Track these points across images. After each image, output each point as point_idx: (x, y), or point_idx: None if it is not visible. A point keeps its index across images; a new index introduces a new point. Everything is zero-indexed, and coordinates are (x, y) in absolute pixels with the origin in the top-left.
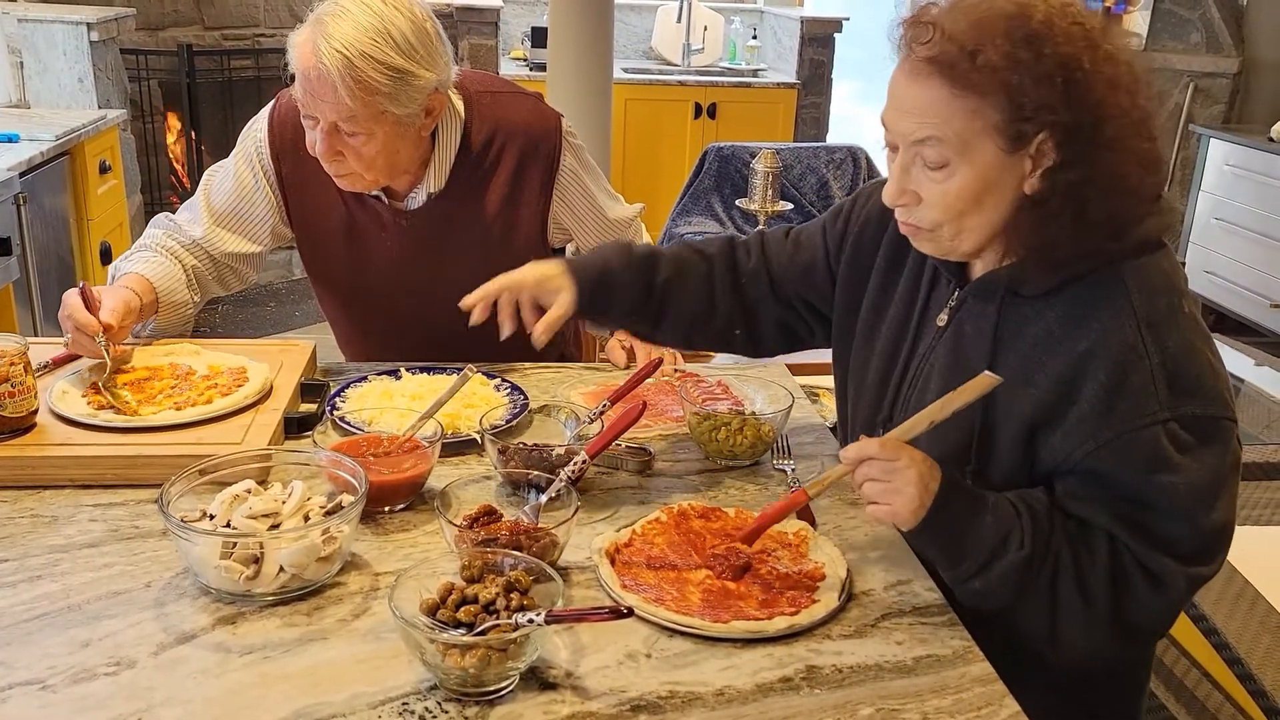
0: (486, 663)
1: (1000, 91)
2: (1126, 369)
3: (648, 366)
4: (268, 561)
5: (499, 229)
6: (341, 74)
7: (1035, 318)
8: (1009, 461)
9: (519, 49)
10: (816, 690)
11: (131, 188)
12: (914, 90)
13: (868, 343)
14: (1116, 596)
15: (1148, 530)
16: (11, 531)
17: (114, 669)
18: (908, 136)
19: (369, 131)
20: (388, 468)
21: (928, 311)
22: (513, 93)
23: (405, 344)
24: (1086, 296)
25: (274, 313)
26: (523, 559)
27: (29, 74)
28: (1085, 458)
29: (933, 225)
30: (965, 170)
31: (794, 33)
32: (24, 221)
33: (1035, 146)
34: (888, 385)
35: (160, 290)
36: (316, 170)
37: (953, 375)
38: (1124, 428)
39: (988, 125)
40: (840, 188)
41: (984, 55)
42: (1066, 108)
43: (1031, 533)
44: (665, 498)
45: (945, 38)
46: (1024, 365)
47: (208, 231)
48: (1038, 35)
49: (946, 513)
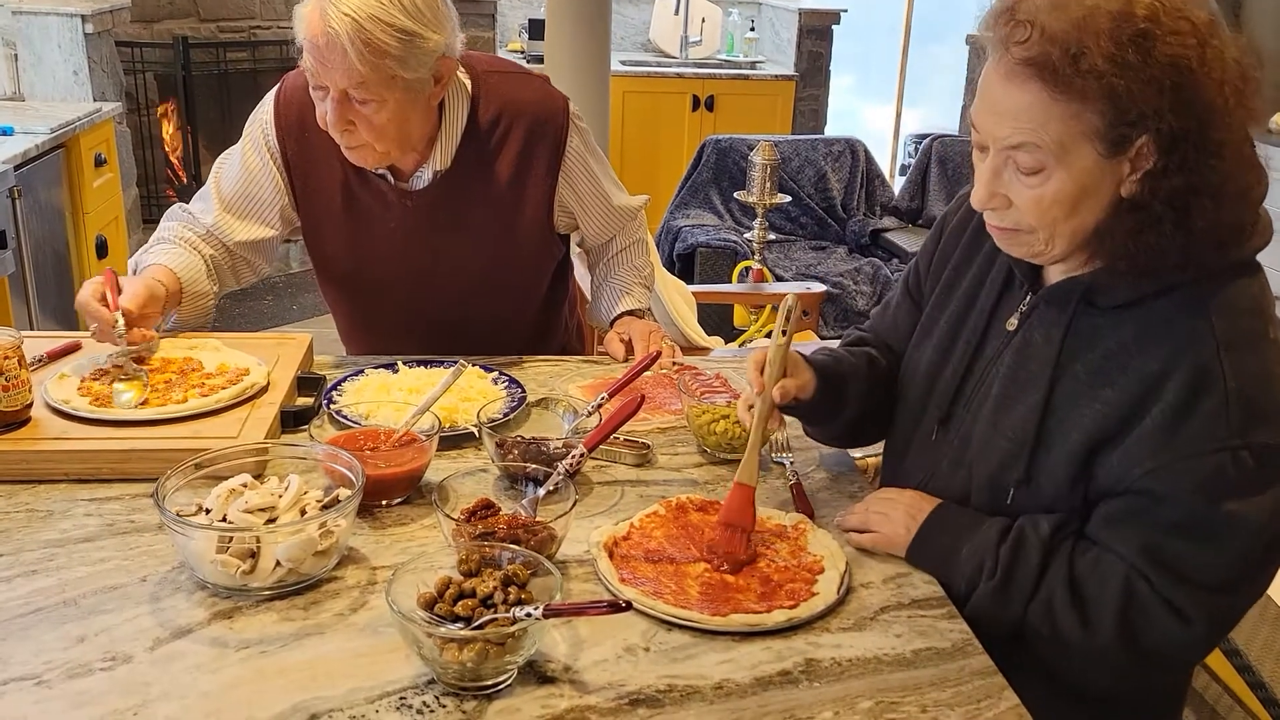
0: (484, 657)
1: (1104, 96)
2: (1199, 391)
3: (646, 359)
4: (264, 556)
5: (504, 210)
6: (351, 37)
7: (1109, 331)
8: (1063, 477)
9: (516, 41)
10: (815, 683)
11: (127, 181)
12: (1010, 93)
13: (925, 337)
14: (1127, 628)
15: (1180, 561)
16: (6, 526)
17: (110, 664)
18: (1002, 140)
19: (379, 98)
20: (385, 461)
21: (997, 313)
22: (520, 73)
23: (408, 331)
24: (1165, 314)
25: (271, 306)
26: (520, 553)
27: (23, 66)
28: (1142, 477)
29: (1026, 229)
30: (1061, 175)
31: (792, 25)
32: (19, 215)
33: (1136, 150)
34: (937, 384)
35: (184, 280)
36: (321, 150)
37: (1014, 382)
38: (1188, 450)
39: (1088, 130)
40: (838, 180)
41: (1088, 58)
42: (1173, 112)
43: (1008, 565)
44: (663, 491)
45: (1045, 37)
46: (1092, 379)
47: (219, 219)
48: (1145, 34)
49: (931, 534)
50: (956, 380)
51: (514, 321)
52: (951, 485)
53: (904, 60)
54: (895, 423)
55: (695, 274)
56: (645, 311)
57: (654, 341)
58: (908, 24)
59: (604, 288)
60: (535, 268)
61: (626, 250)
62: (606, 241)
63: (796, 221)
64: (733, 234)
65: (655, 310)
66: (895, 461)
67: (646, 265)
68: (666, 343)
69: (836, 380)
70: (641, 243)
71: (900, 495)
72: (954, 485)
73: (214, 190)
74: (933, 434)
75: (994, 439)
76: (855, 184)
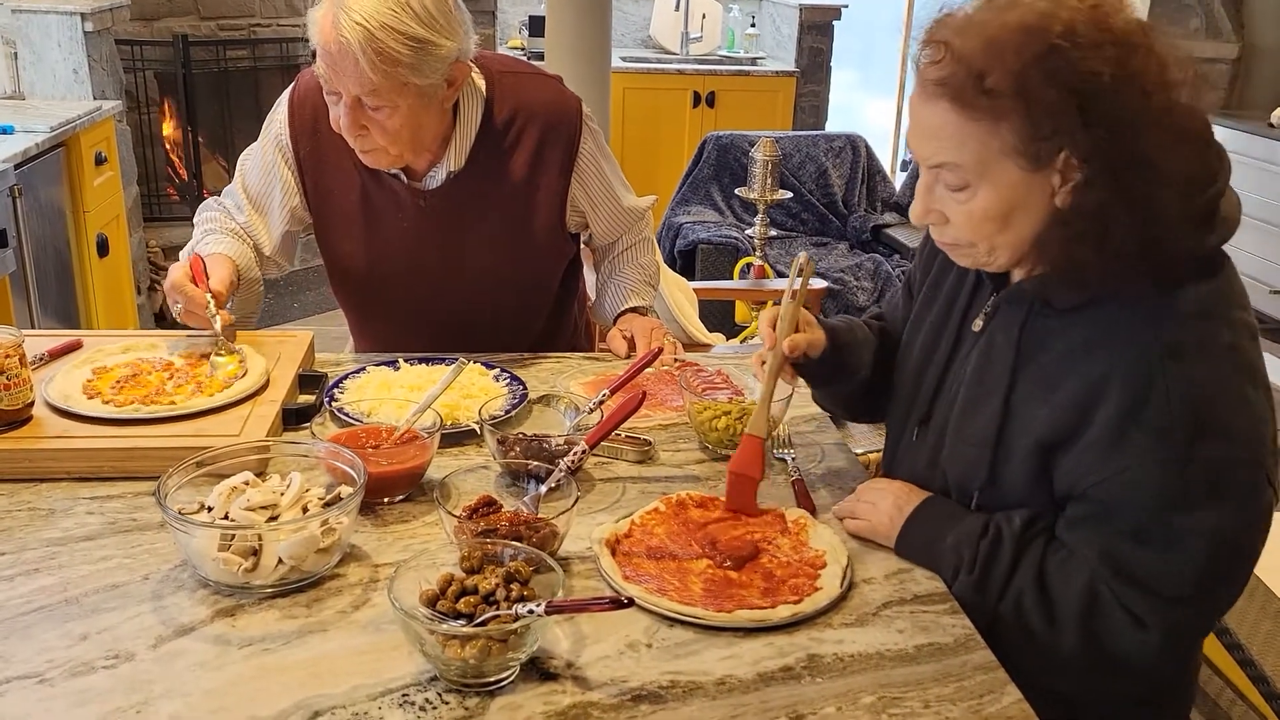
0: (487, 653)
1: (1011, 115)
2: (1141, 401)
3: (647, 356)
4: (266, 553)
5: (517, 209)
6: (363, 46)
7: (1061, 332)
8: (1021, 478)
9: (516, 38)
10: (818, 679)
11: (128, 179)
12: (925, 114)
13: (914, 334)
14: (1089, 630)
15: (1137, 568)
16: (9, 525)
17: (112, 662)
18: (926, 159)
19: (392, 104)
20: (387, 459)
21: (969, 314)
22: (534, 74)
23: (419, 328)
24: (1114, 318)
25: (272, 304)
26: (523, 549)
27: (23, 65)
28: (1093, 487)
29: (965, 243)
30: (987, 191)
31: (793, 21)
32: (20, 214)
33: (1062, 162)
34: (921, 383)
35: (241, 268)
36: (334, 150)
37: (979, 385)
38: (1134, 462)
39: (1005, 147)
40: (839, 176)
41: (991, 78)
42: (1085, 128)
43: (985, 561)
44: (665, 487)
45: (955, 59)
46: (1044, 381)
47: (248, 218)
48: (1054, 50)
49: (916, 525)
50: (935, 380)
51: (526, 319)
52: (930, 487)
53: (905, 56)
54: (889, 420)
55: (696, 271)
56: (648, 309)
57: (656, 338)
58: (909, 19)
59: (609, 285)
60: (547, 266)
61: (632, 249)
62: (613, 240)
63: (797, 218)
64: (734, 230)
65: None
66: (888, 459)
67: (652, 264)
68: (668, 339)
69: (848, 342)
70: (647, 241)
71: (890, 485)
72: (932, 487)
73: (240, 187)
74: (914, 434)
75: (958, 444)
76: (856, 180)
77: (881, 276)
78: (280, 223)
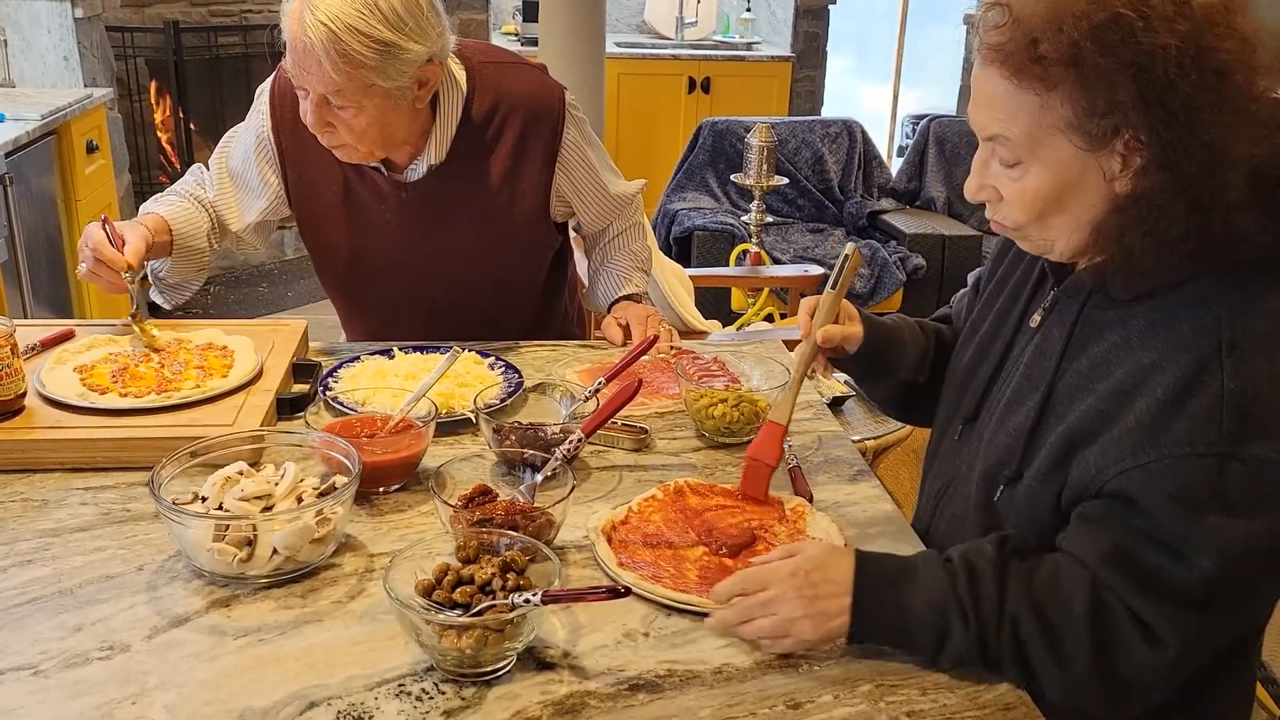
0: (483, 643)
1: (1064, 85)
2: (1191, 388)
3: (643, 344)
4: (261, 544)
5: (500, 201)
6: (326, 47)
7: (1117, 324)
8: (1038, 475)
9: (510, 23)
10: (815, 667)
11: (120, 167)
12: (980, 81)
13: (968, 338)
14: (1099, 651)
15: (1149, 573)
16: (1, 516)
17: (107, 653)
18: (981, 131)
19: (357, 104)
20: (381, 448)
21: (1027, 312)
22: (516, 63)
23: (406, 320)
24: (1173, 308)
25: (266, 293)
26: (519, 539)
27: (13, 52)
28: (1118, 476)
29: (1017, 224)
30: (1039, 169)
31: (788, 5)
32: (10, 202)
33: (1122, 144)
34: (971, 381)
35: (177, 234)
36: (316, 143)
37: (1027, 379)
38: (1172, 451)
39: (1058, 121)
40: (835, 161)
41: (1045, 44)
42: (1141, 108)
43: (974, 605)
44: (662, 475)
45: (1014, 23)
46: (1091, 372)
47: (218, 197)
48: (1116, 20)
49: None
50: (987, 378)
51: (513, 309)
52: (967, 488)
53: (901, 40)
54: (935, 418)
55: (692, 257)
56: (643, 296)
57: (651, 325)
58: (905, 3)
59: (601, 273)
60: (533, 257)
61: (623, 235)
62: (604, 227)
63: (794, 204)
64: (730, 217)
65: (652, 294)
66: (928, 464)
67: (644, 250)
68: (664, 326)
69: (889, 340)
70: (638, 226)
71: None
72: (967, 489)
73: (219, 167)
74: (958, 433)
75: (998, 435)
76: (853, 166)
77: (878, 262)
78: (257, 213)
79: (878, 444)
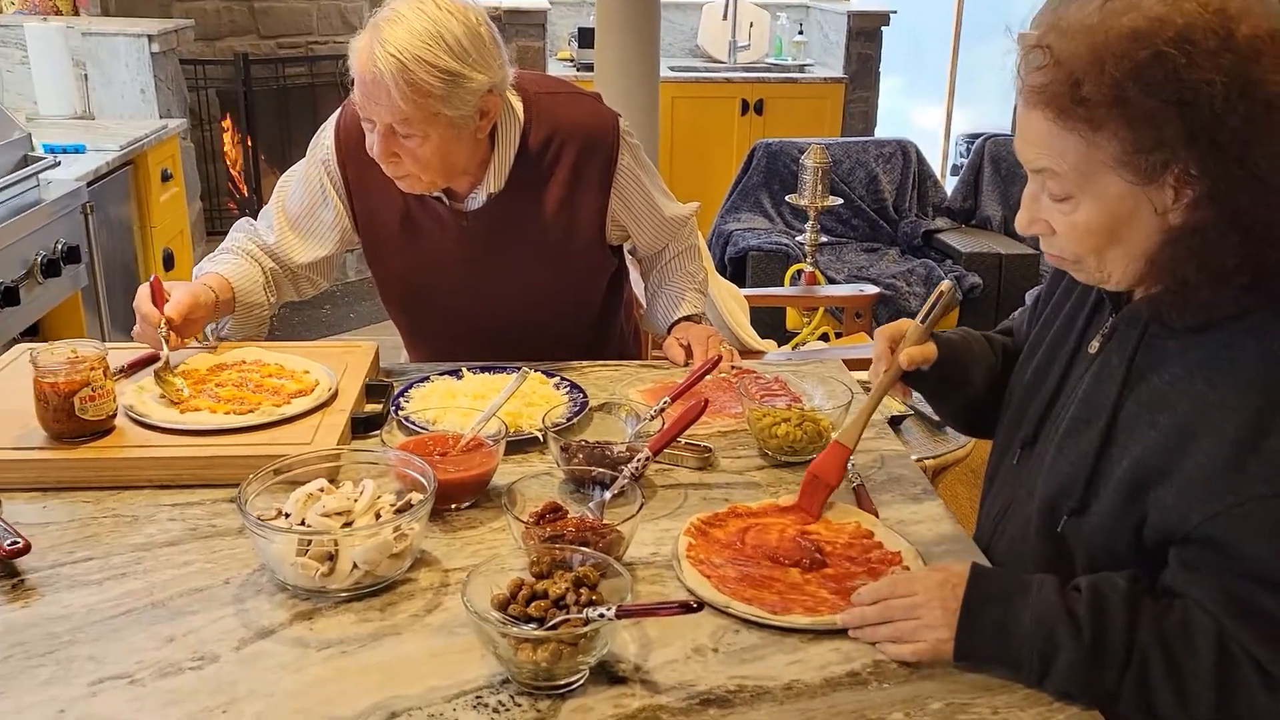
0: (558, 657)
1: (1110, 125)
2: (1262, 428)
3: (706, 364)
4: (342, 558)
5: (558, 228)
6: (395, 77)
7: (1178, 355)
8: (1108, 508)
9: (566, 50)
10: (885, 684)
11: (191, 194)
12: (1025, 121)
13: (1027, 359)
14: (1223, 699)
15: (1265, 617)
16: (96, 531)
17: (198, 663)
18: (1029, 164)
19: (423, 134)
20: (454, 466)
21: (1086, 336)
22: (571, 93)
23: (468, 342)
24: (1236, 342)
25: (329, 315)
26: (591, 554)
27: (93, 86)
28: (1204, 522)
29: (1074, 258)
30: (1090, 203)
31: (840, 27)
32: (91, 230)
33: (1174, 176)
34: (1030, 405)
35: (238, 290)
36: (380, 173)
37: (1087, 406)
38: (1252, 493)
39: (1106, 158)
40: (890, 181)
41: (1087, 86)
42: (1190, 143)
43: (1095, 630)
44: (726, 494)
45: (1056, 64)
46: (1153, 403)
47: (280, 238)
48: (1158, 58)
49: (979, 610)
50: (1045, 402)
51: (571, 331)
52: (1026, 512)
53: (954, 59)
54: (994, 442)
55: (747, 277)
56: (701, 316)
57: (713, 346)
58: (958, 22)
59: (659, 295)
60: (590, 280)
61: (679, 257)
62: (659, 250)
63: (848, 224)
64: (784, 237)
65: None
66: (987, 485)
67: (700, 270)
68: (725, 347)
69: (962, 357)
70: (693, 248)
71: (922, 577)
72: (1026, 514)
73: (277, 209)
74: (1015, 457)
75: (1058, 461)
76: (907, 185)
77: (933, 282)
78: (325, 245)
79: (936, 463)
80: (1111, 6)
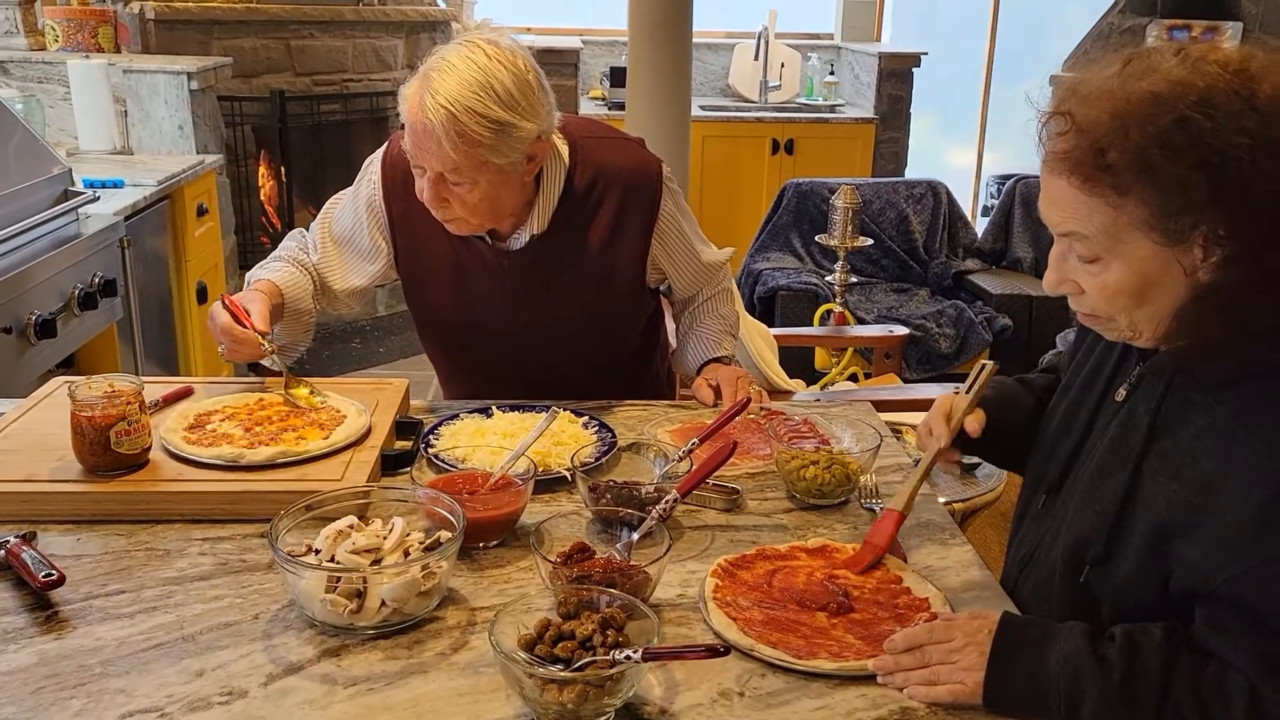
0: (584, 698)
1: (1136, 190)
2: None
3: (735, 406)
4: (370, 596)
5: (599, 270)
6: (445, 128)
7: (1204, 408)
8: (1133, 560)
9: (598, 89)
10: None
11: (226, 229)
12: (1050, 185)
13: (1057, 403)
14: None
15: None
16: (128, 564)
17: (227, 699)
18: (1055, 227)
19: (472, 181)
20: (483, 504)
21: (1112, 385)
22: (616, 138)
23: (505, 380)
24: (1263, 398)
25: (359, 349)
26: (618, 596)
27: (132, 121)
28: (1226, 583)
29: (1105, 316)
30: (1119, 265)
31: (871, 68)
32: (127, 263)
33: (1200, 237)
34: (1057, 450)
35: (288, 297)
36: (425, 211)
37: (1113, 455)
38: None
39: (1134, 221)
40: (920, 222)
41: (1112, 153)
42: (1217, 205)
43: (1126, 669)
44: (754, 536)
45: (1078, 131)
46: (1178, 457)
47: (323, 258)
48: (1181, 123)
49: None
50: (1071, 448)
51: (610, 371)
52: (1050, 558)
53: (985, 100)
54: (1022, 486)
55: (776, 317)
56: (731, 358)
57: (742, 388)
58: (989, 63)
59: (690, 336)
60: (629, 321)
61: (712, 300)
62: (694, 294)
63: (878, 264)
64: (814, 277)
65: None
66: (1015, 525)
67: (732, 314)
68: (754, 389)
69: (1008, 415)
70: (726, 292)
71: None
72: (1052, 559)
73: (322, 231)
74: (1041, 503)
75: (1084, 510)
76: (937, 226)
77: (964, 323)
78: (365, 276)
79: (965, 506)
80: (1130, 70)
